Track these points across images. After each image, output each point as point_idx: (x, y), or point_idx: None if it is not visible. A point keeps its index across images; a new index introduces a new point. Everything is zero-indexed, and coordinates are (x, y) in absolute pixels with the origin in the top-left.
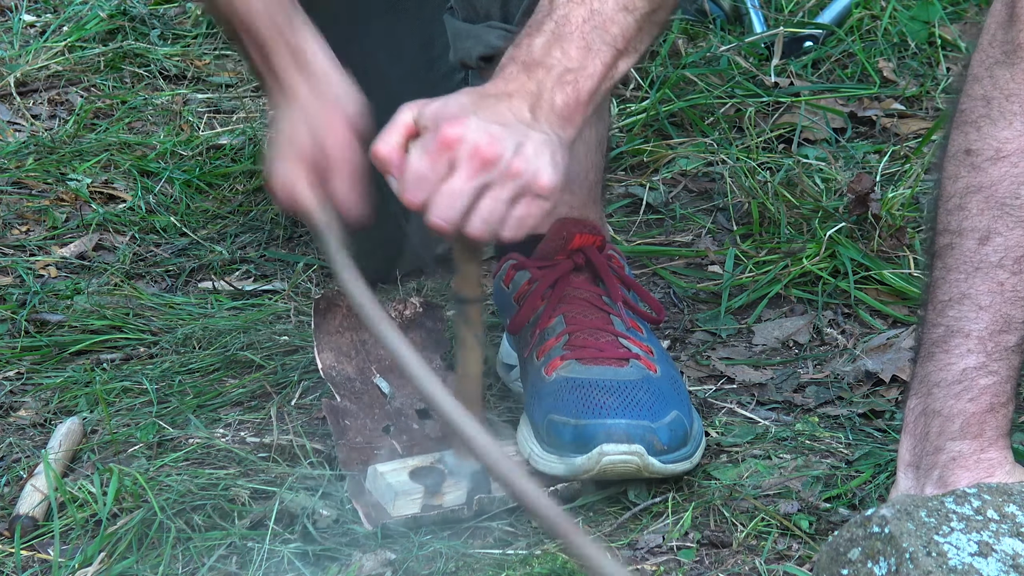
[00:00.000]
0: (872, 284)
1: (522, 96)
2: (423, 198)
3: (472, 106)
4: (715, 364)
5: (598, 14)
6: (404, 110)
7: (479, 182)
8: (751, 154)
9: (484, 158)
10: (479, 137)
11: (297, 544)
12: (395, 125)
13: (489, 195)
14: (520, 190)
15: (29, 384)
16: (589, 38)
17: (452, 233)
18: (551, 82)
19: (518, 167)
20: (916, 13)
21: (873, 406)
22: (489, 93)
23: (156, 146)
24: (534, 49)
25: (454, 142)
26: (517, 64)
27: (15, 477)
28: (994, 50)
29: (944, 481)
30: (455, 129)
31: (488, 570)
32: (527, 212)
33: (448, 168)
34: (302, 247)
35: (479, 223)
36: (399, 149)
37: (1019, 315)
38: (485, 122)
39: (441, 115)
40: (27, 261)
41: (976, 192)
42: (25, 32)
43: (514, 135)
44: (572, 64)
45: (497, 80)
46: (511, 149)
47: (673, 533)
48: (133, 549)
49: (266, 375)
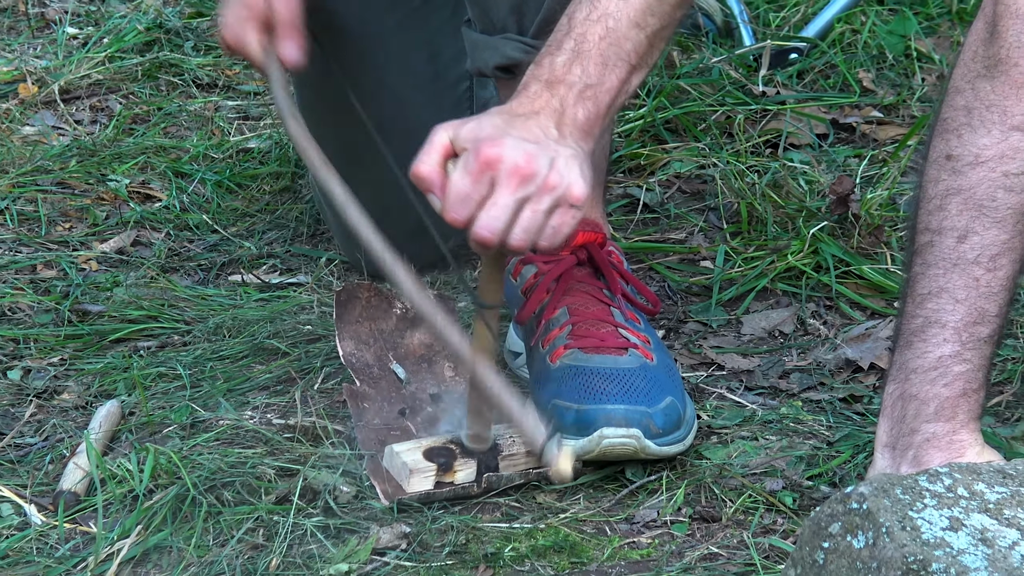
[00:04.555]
0: (852, 278)
1: (548, 113)
2: (467, 215)
3: (505, 126)
4: (706, 352)
5: (613, 32)
6: (439, 131)
7: (520, 196)
8: (740, 158)
9: (523, 175)
10: (517, 156)
11: (319, 518)
12: (433, 146)
13: (529, 208)
14: (556, 202)
15: (72, 369)
16: (606, 55)
17: (496, 246)
18: (573, 98)
19: (554, 181)
20: (893, 27)
21: (853, 391)
22: (517, 112)
23: (189, 149)
24: (556, 67)
25: (495, 161)
26: (540, 82)
27: (59, 455)
28: (976, 64)
29: (918, 461)
30: (494, 149)
31: (495, 542)
32: (562, 221)
33: (490, 186)
34: (324, 243)
35: (521, 234)
36: (439, 169)
37: (993, 309)
38: (519, 141)
39: (478, 136)
40: (70, 255)
41: (956, 194)
42: (68, 44)
43: (546, 151)
44: (591, 80)
45: (522, 98)
46: (546, 165)
47: (667, 509)
48: (168, 522)
49: (291, 361)
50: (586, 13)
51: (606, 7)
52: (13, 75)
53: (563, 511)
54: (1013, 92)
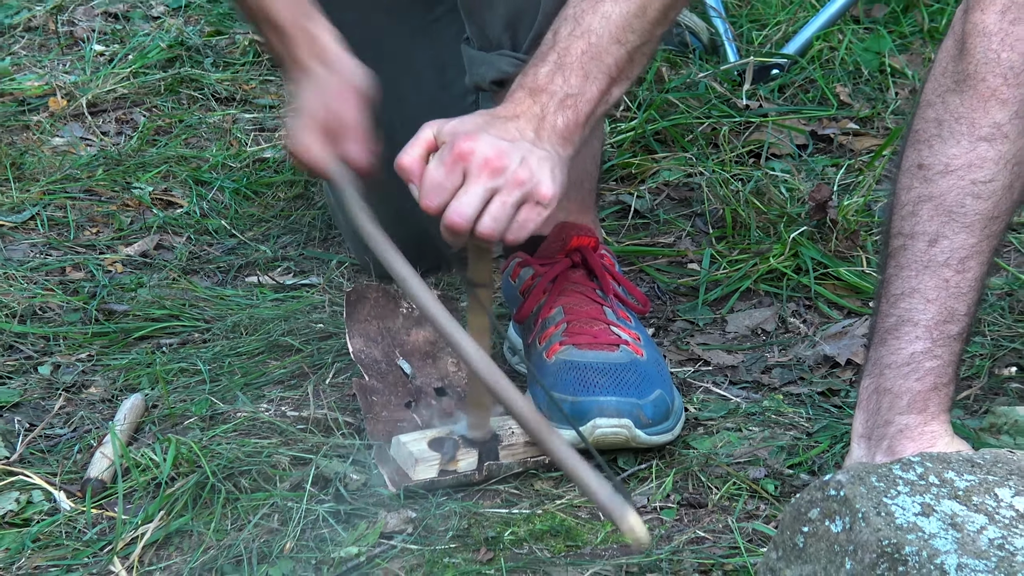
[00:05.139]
0: (830, 280)
1: (528, 118)
2: (439, 203)
3: (485, 125)
4: (693, 349)
5: (595, 47)
6: (425, 127)
7: (489, 187)
8: (725, 167)
9: (493, 167)
10: (488, 150)
11: (331, 504)
12: (417, 140)
13: (498, 199)
14: (523, 197)
15: (99, 365)
16: (587, 67)
17: (464, 231)
18: (554, 106)
19: (523, 176)
20: (869, 45)
21: (830, 385)
22: (499, 115)
23: (209, 159)
24: (539, 77)
25: (468, 154)
26: (524, 90)
27: (86, 445)
28: (946, 79)
29: (892, 450)
30: (468, 143)
31: (496, 527)
32: (528, 216)
33: (462, 177)
34: (336, 247)
35: (489, 222)
36: (420, 161)
37: (962, 308)
38: (494, 138)
39: (457, 132)
40: (97, 258)
41: (927, 201)
42: (95, 60)
43: (519, 150)
44: (572, 90)
45: (507, 104)
46: (516, 161)
47: (656, 495)
48: (188, 508)
49: (304, 357)
50: (570, 29)
51: (589, 24)
52: (44, 90)
53: (559, 497)
54: (980, 105)
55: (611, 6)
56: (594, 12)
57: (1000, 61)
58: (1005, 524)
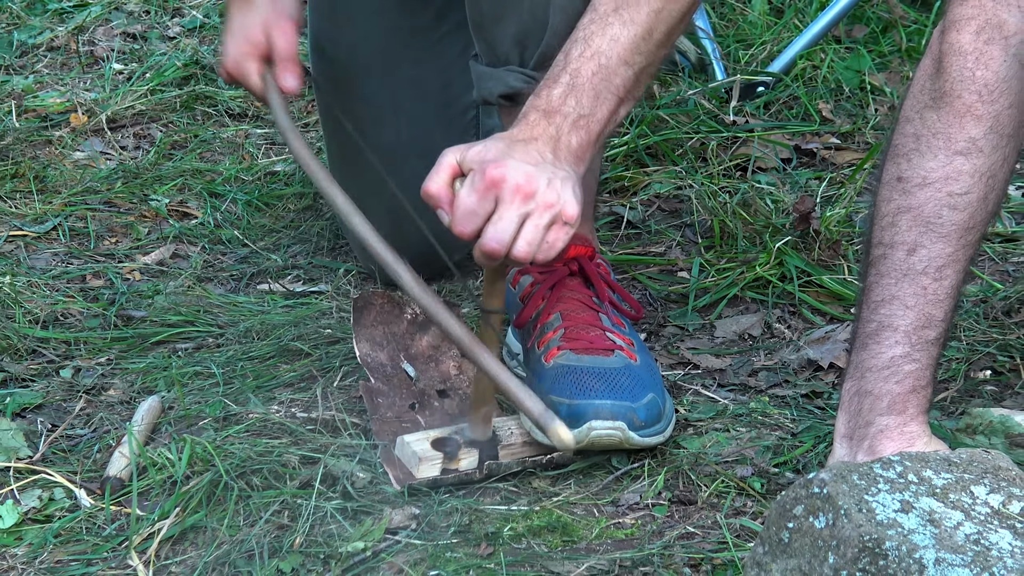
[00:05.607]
0: (813, 287)
1: (545, 140)
2: (472, 229)
3: (507, 149)
4: (683, 353)
5: (604, 68)
6: (447, 154)
7: (523, 212)
8: (713, 180)
9: (525, 193)
10: (519, 176)
11: (338, 501)
12: (442, 167)
13: (530, 223)
14: (553, 218)
15: (118, 368)
16: (598, 89)
17: (501, 256)
18: (567, 127)
19: (551, 199)
20: (850, 63)
21: (814, 388)
22: (517, 138)
23: (222, 172)
24: (553, 98)
25: (499, 181)
26: (539, 112)
27: (106, 445)
28: (924, 96)
29: (873, 450)
30: (499, 170)
31: (496, 522)
32: (556, 236)
33: (494, 203)
34: (343, 256)
35: (524, 246)
36: (447, 188)
37: (939, 314)
38: (521, 163)
39: (484, 158)
40: (116, 267)
41: (906, 212)
42: (115, 78)
43: (544, 173)
44: (584, 111)
45: (522, 126)
46: (544, 184)
47: (649, 493)
48: (203, 505)
49: (313, 361)
50: (580, 51)
51: (598, 46)
52: (65, 106)
53: (556, 495)
54: (956, 121)
55: (620, 29)
56: (603, 35)
57: (975, 79)
58: (980, 520)
